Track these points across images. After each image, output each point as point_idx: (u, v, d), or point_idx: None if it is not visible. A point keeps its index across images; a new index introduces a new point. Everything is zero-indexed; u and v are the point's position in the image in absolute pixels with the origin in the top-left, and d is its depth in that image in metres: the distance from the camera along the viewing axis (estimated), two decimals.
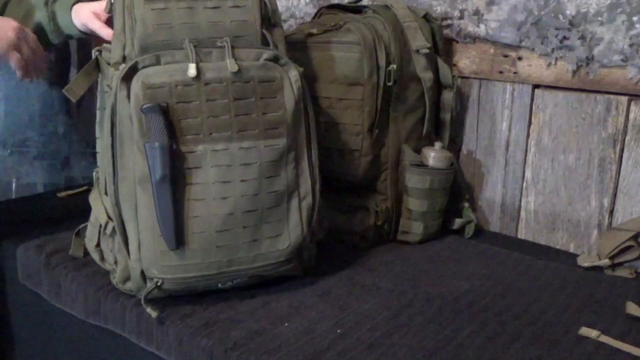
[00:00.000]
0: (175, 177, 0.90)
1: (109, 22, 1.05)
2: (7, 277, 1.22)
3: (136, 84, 0.89)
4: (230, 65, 0.91)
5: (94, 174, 1.03)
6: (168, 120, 0.89)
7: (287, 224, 0.96)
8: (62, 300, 1.09)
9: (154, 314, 0.91)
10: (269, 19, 1.00)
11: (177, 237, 0.90)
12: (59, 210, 1.37)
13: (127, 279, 0.96)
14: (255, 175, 0.93)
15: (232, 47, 0.93)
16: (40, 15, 1.16)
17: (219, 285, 0.95)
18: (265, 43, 0.98)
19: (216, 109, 0.91)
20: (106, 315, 1.00)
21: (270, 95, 0.94)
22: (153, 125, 0.88)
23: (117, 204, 0.93)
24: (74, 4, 1.14)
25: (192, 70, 0.90)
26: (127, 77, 0.89)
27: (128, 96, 0.89)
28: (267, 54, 0.95)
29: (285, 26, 1.53)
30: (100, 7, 1.09)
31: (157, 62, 0.90)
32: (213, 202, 0.91)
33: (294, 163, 0.97)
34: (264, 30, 0.97)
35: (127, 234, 0.93)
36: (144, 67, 0.90)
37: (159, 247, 0.90)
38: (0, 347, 1.27)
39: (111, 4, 0.97)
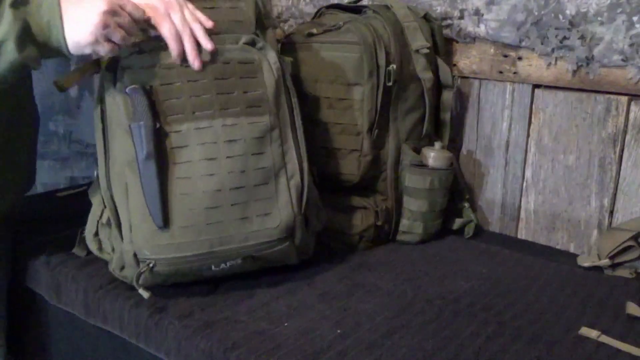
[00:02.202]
0: (162, 156, 0.92)
1: None
2: (10, 278, 1.22)
3: (121, 69, 0.93)
4: (210, 55, 0.95)
5: (95, 171, 1.03)
6: (152, 101, 0.92)
7: (276, 202, 0.97)
8: (62, 300, 1.09)
9: (145, 294, 0.92)
10: (262, 23, 1.03)
11: (164, 214, 0.91)
12: (59, 210, 1.37)
13: (123, 266, 0.97)
14: (240, 152, 0.95)
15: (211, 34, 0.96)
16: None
17: (212, 267, 0.95)
18: None
19: (197, 88, 0.94)
20: (105, 315, 1.00)
21: (250, 75, 0.97)
22: (137, 105, 0.91)
23: (108, 187, 0.95)
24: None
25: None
26: (113, 65, 0.94)
27: (114, 81, 0.94)
28: (244, 38, 0.98)
29: (285, 26, 1.53)
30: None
31: (140, 52, 0.94)
32: (200, 179, 0.93)
33: (279, 141, 0.98)
34: (257, 32, 1.01)
35: (119, 217, 0.95)
36: (129, 54, 0.94)
37: (150, 227, 0.91)
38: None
39: None
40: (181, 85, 0.94)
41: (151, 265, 0.92)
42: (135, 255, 0.93)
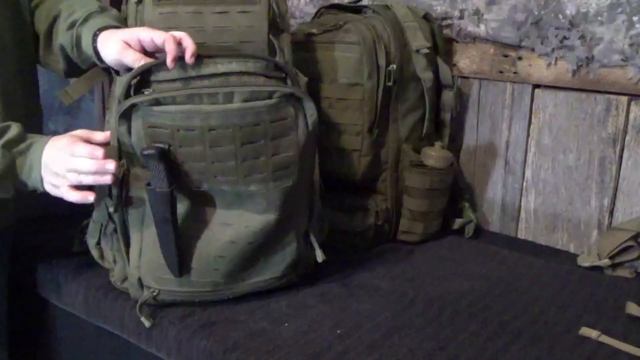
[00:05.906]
0: (177, 214, 0.89)
1: (144, 51, 0.89)
2: (10, 278, 1.22)
3: (137, 120, 0.84)
4: (239, 117, 0.85)
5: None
6: (170, 162, 0.85)
7: (283, 245, 0.96)
8: (62, 300, 1.09)
9: (147, 323, 0.91)
10: (277, 25, 0.98)
11: (180, 268, 0.91)
12: (59, 210, 1.36)
13: (125, 278, 0.97)
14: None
15: (241, 81, 0.86)
16: (63, 39, 0.98)
17: (214, 299, 0.96)
18: (271, 48, 0.96)
19: (221, 155, 0.86)
20: (106, 315, 1.00)
21: (283, 135, 0.88)
22: (153, 170, 0.84)
23: (123, 209, 0.92)
24: (98, 30, 0.92)
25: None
26: (127, 113, 0.85)
27: (129, 131, 0.85)
28: (280, 91, 0.87)
29: None
30: (131, 35, 0.88)
31: (157, 104, 0.84)
32: (216, 228, 0.92)
33: (296, 197, 0.95)
34: (271, 36, 0.95)
35: (129, 240, 0.94)
36: (147, 105, 0.84)
37: (159, 260, 0.91)
38: (1, 346, 1.27)
39: (126, 15, 0.96)
40: (203, 150, 0.85)
41: (155, 293, 0.92)
42: (139, 279, 0.93)
